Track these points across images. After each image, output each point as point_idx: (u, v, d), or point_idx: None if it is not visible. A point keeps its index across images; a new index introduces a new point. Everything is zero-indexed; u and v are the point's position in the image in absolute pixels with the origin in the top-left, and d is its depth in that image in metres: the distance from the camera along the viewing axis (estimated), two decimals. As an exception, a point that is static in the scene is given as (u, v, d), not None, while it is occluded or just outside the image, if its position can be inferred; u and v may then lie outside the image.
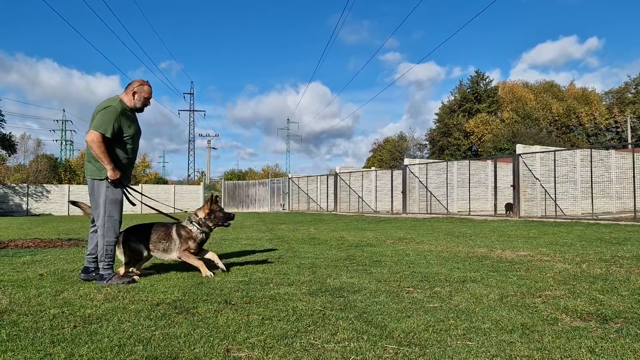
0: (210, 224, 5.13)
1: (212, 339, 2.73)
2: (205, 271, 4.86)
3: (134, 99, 4.70)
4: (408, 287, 4.14)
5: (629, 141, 45.08)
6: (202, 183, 41.18)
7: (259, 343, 2.65)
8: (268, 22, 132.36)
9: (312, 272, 4.99)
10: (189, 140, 70.91)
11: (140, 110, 4.82)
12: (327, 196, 28.79)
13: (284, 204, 33.65)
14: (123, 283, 4.47)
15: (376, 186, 26.35)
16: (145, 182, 48.34)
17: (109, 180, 4.57)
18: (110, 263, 4.63)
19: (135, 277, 4.76)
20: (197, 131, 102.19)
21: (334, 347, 2.58)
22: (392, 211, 22.89)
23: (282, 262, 5.79)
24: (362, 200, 26.03)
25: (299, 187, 32.03)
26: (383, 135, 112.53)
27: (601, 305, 3.37)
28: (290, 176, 34.41)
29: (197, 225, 5.08)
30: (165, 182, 54.62)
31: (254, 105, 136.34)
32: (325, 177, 30.09)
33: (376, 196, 26.21)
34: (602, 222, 13.19)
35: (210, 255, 5.15)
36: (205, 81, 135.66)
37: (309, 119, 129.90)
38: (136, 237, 5.02)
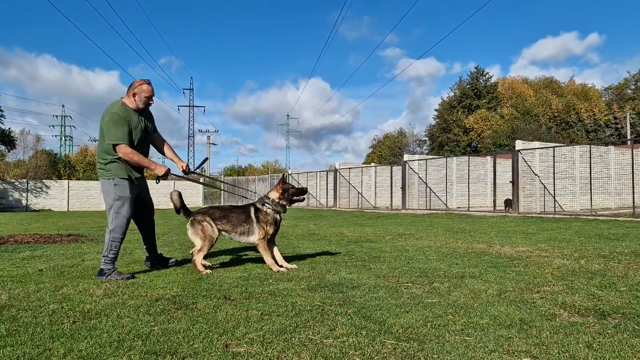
0: (285, 203, 5.17)
1: (211, 334, 2.74)
2: (275, 267, 4.90)
3: (135, 100, 4.73)
4: (407, 283, 4.15)
5: (628, 137, 45.04)
6: (201, 179, 41.13)
7: (257, 338, 2.66)
8: (268, 19, 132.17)
9: (311, 268, 5.00)
10: (189, 136, 70.96)
11: (144, 109, 4.84)
12: (327, 192, 28.79)
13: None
14: (122, 279, 4.48)
15: (376, 182, 26.36)
16: (145, 178, 48.24)
17: (158, 177, 4.81)
18: (113, 259, 4.66)
19: (207, 270, 4.81)
20: (196, 127, 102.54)
21: (333, 342, 2.58)
22: (392, 207, 22.91)
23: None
24: (362, 196, 26.05)
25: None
26: (383, 131, 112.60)
27: (599, 301, 3.38)
28: (289, 172, 34.41)
29: (271, 207, 5.10)
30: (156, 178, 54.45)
31: (254, 101, 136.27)
32: (325, 173, 30.08)
33: (376, 192, 26.22)
34: (600, 218, 13.20)
35: (277, 253, 5.15)
36: (204, 77, 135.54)
37: (308, 115, 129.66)
38: (213, 220, 5.04)
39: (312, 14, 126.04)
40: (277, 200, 5.12)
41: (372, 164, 33.59)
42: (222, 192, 39.12)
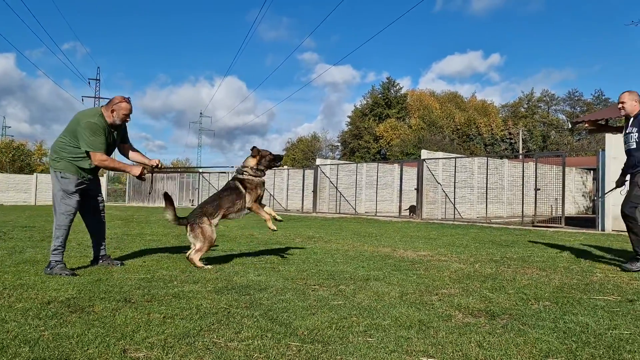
0: (262, 168, 5.47)
1: (108, 338, 2.60)
2: (271, 225, 5.35)
3: (112, 115, 4.87)
4: (314, 285, 4.20)
5: (520, 152, 49.01)
6: (105, 174, 38.94)
7: (158, 342, 2.56)
8: (185, 10, 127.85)
9: (218, 270, 4.91)
10: (92, 129, 66.87)
11: (120, 126, 5.02)
12: (238, 193, 28.43)
13: (193, 200, 32.76)
14: (66, 274, 4.48)
15: (288, 185, 26.45)
16: (41, 172, 44.76)
17: (136, 177, 5.02)
18: (59, 249, 4.70)
19: (207, 265, 5.02)
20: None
21: (237, 345, 2.55)
22: (303, 210, 23.11)
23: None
24: (274, 198, 26.02)
25: (209, 182, 31.32)
26: (297, 134, 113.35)
27: (490, 303, 3.63)
28: (200, 171, 33.57)
29: (252, 174, 5.39)
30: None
31: (165, 96, 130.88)
32: (237, 173, 29.68)
33: (287, 194, 26.31)
34: (494, 225, 14.21)
35: (268, 209, 5.52)
36: (113, 67, 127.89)
37: (223, 114, 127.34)
38: (208, 218, 5.20)
39: (231, 10, 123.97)
40: (255, 167, 5.42)
41: (285, 167, 33.66)
42: (126, 189, 37.25)
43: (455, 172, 18.32)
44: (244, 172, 5.40)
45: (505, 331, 2.89)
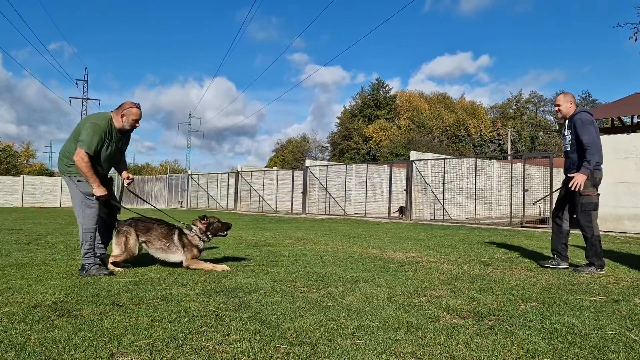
0: (210, 234, 5.34)
1: (95, 342, 2.58)
2: (218, 267, 5.05)
3: (122, 120, 4.88)
4: (303, 287, 4.21)
5: (509, 153, 49.37)
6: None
7: (146, 346, 2.55)
8: (173, 10, 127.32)
9: (207, 272, 4.89)
10: (80, 130, 66.29)
11: (129, 131, 5.04)
12: (228, 194, 28.34)
13: (182, 201, 32.60)
14: (103, 274, 4.57)
15: (277, 186, 26.43)
16: (28, 174, 44.28)
17: (96, 197, 4.78)
18: (90, 251, 4.74)
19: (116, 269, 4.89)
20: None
21: (226, 348, 2.55)
22: (292, 211, 23.09)
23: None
24: (263, 199, 25.97)
25: (198, 184, 31.20)
26: (287, 135, 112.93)
27: (478, 304, 3.66)
28: (189, 173, 33.42)
29: (198, 234, 5.26)
30: (51, 174, 50.20)
31: (154, 97, 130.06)
32: (227, 175, 29.61)
33: (277, 196, 26.28)
34: (483, 226, 14.30)
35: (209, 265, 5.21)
36: (101, 68, 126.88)
37: (212, 115, 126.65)
38: (136, 232, 5.08)
39: (220, 10, 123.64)
40: (204, 230, 5.30)
41: (275, 168, 33.62)
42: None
43: (444, 173, 18.40)
44: (192, 228, 5.26)
45: (493, 332, 2.92)
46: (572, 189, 5.13)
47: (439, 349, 2.60)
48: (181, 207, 32.05)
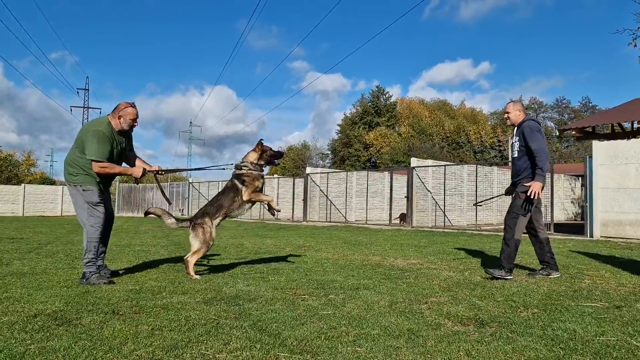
0: (263, 163, 5.49)
1: (95, 351, 2.57)
2: (275, 206, 5.48)
3: (120, 122, 4.92)
4: (304, 295, 4.20)
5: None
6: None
7: (146, 355, 2.54)
8: (174, 20, 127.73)
9: (207, 280, 4.89)
10: (81, 139, 66.38)
11: (128, 131, 5.07)
12: (228, 202, 28.32)
13: (183, 209, 32.60)
14: (103, 283, 4.56)
15: (278, 193, 26.41)
16: (30, 182, 44.27)
17: (137, 178, 5.06)
18: (93, 260, 4.78)
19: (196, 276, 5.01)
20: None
21: (226, 357, 2.54)
22: (293, 219, 23.08)
23: (176, 270, 5.61)
24: (264, 207, 25.95)
25: (199, 192, 31.20)
26: (287, 143, 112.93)
27: (479, 311, 3.65)
28: (190, 181, 33.44)
29: (252, 167, 5.39)
30: (52, 183, 50.18)
31: (155, 106, 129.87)
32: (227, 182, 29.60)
33: (277, 203, 26.23)
34: (484, 232, 14.28)
35: (267, 196, 5.56)
36: (102, 77, 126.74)
37: (213, 123, 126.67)
38: (211, 214, 5.28)
39: (220, 19, 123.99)
40: (255, 162, 5.44)
41: (275, 175, 33.64)
42: (116, 199, 36.97)
43: (445, 179, 18.40)
44: (243, 167, 5.42)
45: (494, 339, 2.90)
46: (533, 197, 5.14)
47: (440, 356, 2.59)
48: (182, 215, 32.04)
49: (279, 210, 5.54)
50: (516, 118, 5.49)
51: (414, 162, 18.58)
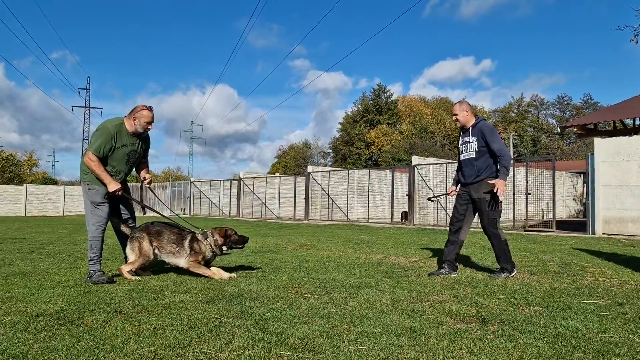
0: (225, 247, 5.26)
1: (97, 351, 2.58)
2: (222, 274, 4.96)
3: (134, 123, 4.91)
4: (306, 294, 4.20)
5: (511, 157, 49.29)
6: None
7: (148, 354, 2.55)
8: (174, 19, 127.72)
9: (209, 280, 4.89)
10: (83, 139, 66.49)
11: (142, 134, 5.03)
12: (230, 201, 28.36)
13: (184, 208, 32.63)
14: (103, 281, 4.59)
15: (279, 192, 26.42)
16: (31, 182, 44.36)
17: (109, 193, 4.86)
18: (95, 259, 4.80)
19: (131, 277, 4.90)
20: (92, 130, 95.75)
21: (228, 355, 2.54)
22: (295, 217, 23.09)
23: (178, 269, 5.61)
24: (265, 206, 25.98)
25: (201, 191, 31.23)
26: (289, 141, 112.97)
27: (481, 309, 3.65)
28: (192, 180, 33.47)
29: (210, 244, 5.15)
30: (54, 183, 50.26)
31: (156, 105, 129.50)
32: (229, 181, 29.65)
33: (279, 202, 26.27)
34: (486, 230, 14.26)
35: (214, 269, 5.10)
36: (103, 77, 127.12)
37: (214, 122, 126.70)
38: (149, 237, 5.10)
39: (221, 18, 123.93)
40: (219, 242, 5.20)
41: (277, 174, 33.66)
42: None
43: (446, 177, 18.38)
44: (206, 238, 5.18)
45: (496, 337, 2.90)
46: (499, 195, 5.12)
47: (442, 354, 2.59)
48: (184, 214, 32.07)
49: (222, 279, 4.91)
50: (465, 119, 5.44)
51: (416, 160, 18.57)
